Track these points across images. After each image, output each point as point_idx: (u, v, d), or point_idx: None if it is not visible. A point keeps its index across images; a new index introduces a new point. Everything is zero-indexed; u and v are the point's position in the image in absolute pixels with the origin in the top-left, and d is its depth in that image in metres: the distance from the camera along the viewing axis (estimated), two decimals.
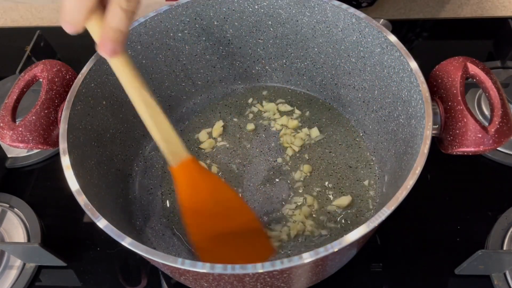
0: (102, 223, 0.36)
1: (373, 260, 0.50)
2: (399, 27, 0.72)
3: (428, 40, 0.71)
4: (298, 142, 0.54)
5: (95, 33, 0.35)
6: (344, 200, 0.49)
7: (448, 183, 0.55)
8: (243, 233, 0.43)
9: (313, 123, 0.56)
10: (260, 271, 0.32)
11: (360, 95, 0.52)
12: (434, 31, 0.72)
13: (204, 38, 0.54)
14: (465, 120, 0.39)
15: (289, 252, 0.46)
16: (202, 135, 0.56)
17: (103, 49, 0.34)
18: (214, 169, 0.53)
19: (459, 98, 0.40)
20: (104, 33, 0.34)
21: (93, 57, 0.45)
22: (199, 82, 0.58)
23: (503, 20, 0.67)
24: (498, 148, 0.56)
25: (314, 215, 0.49)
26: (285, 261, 0.32)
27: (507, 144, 0.56)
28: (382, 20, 0.63)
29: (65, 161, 0.39)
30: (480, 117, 0.59)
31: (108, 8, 0.33)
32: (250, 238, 0.43)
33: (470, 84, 0.52)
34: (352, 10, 0.46)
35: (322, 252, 0.33)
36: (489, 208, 0.52)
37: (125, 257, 0.51)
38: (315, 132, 0.54)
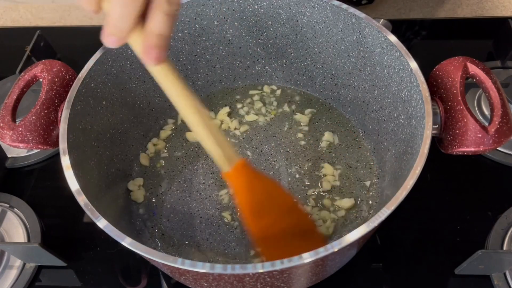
0: (102, 223, 0.36)
1: (373, 260, 0.50)
2: (399, 27, 0.72)
3: (428, 40, 0.71)
4: (298, 142, 0.54)
5: (137, 44, 0.33)
6: (347, 202, 0.49)
7: (448, 183, 0.55)
8: (298, 227, 0.43)
9: (313, 123, 0.56)
10: (260, 271, 0.32)
11: (360, 95, 0.52)
12: (434, 31, 0.72)
13: (204, 38, 0.54)
14: (465, 120, 0.39)
15: None
16: None
17: (148, 56, 0.33)
18: None
19: (459, 98, 0.40)
20: (147, 40, 0.32)
21: (93, 57, 0.45)
22: (199, 82, 0.58)
23: (503, 20, 0.67)
24: (498, 148, 0.56)
25: (314, 215, 0.49)
26: (285, 261, 0.32)
27: (507, 144, 0.56)
28: (382, 20, 0.63)
29: (65, 161, 0.39)
30: (480, 117, 0.59)
31: (150, 14, 0.32)
32: (304, 234, 0.43)
33: (470, 84, 0.52)
34: (352, 10, 0.46)
35: (322, 252, 0.33)
36: (489, 208, 0.52)
37: (125, 257, 0.51)
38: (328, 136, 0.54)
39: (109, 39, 0.32)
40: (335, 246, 0.33)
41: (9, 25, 0.81)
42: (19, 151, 0.60)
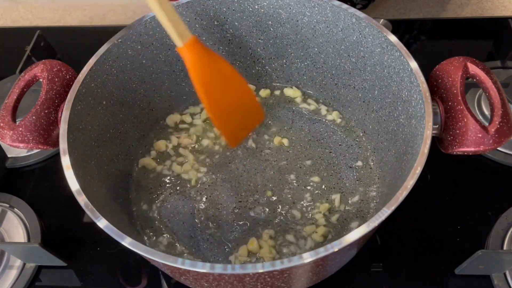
0: (102, 223, 0.36)
1: (373, 260, 0.50)
2: (399, 27, 0.72)
3: (428, 40, 0.71)
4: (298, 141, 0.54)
5: None
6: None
7: (448, 183, 0.55)
8: (243, 101, 0.49)
9: (313, 123, 0.56)
10: (261, 271, 0.32)
11: (360, 95, 0.52)
12: (434, 31, 0.72)
13: (204, 38, 0.54)
14: (465, 120, 0.39)
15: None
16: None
17: None
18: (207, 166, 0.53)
19: (459, 98, 0.40)
20: None
21: (93, 57, 0.45)
22: None
23: (503, 20, 0.67)
24: (498, 148, 0.56)
25: (313, 214, 0.49)
26: (285, 261, 0.32)
27: (507, 144, 0.56)
28: (382, 20, 0.63)
29: (65, 161, 0.39)
30: (480, 117, 0.59)
31: None
32: (248, 107, 0.50)
33: (470, 84, 0.52)
34: (352, 10, 0.46)
35: (322, 252, 0.33)
36: (489, 208, 0.52)
37: (125, 257, 0.51)
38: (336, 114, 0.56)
39: None
40: (335, 246, 0.33)
41: (9, 25, 0.81)
42: (19, 151, 0.60)
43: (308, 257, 0.33)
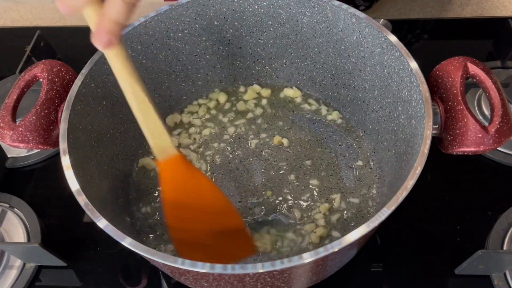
0: (102, 223, 0.36)
1: (373, 260, 0.50)
2: (399, 27, 0.72)
3: (429, 40, 0.71)
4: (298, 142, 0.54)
5: (92, 21, 0.34)
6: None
7: (448, 183, 0.55)
8: (225, 231, 0.43)
9: (313, 123, 0.56)
10: (260, 271, 0.32)
11: (360, 95, 0.52)
12: (434, 31, 0.72)
13: (204, 38, 0.54)
14: (465, 120, 0.39)
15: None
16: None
17: (98, 40, 0.33)
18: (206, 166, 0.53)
19: (459, 98, 0.40)
20: (101, 23, 0.32)
21: (93, 57, 0.45)
22: (199, 82, 0.58)
23: (503, 20, 0.67)
24: (498, 148, 0.56)
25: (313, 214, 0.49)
26: (285, 261, 0.32)
27: (507, 144, 0.56)
28: (382, 20, 0.63)
29: (65, 161, 0.39)
30: (480, 117, 0.59)
31: None
32: (231, 236, 0.43)
33: (470, 84, 0.52)
34: (352, 10, 0.46)
35: (322, 252, 0.33)
36: (489, 208, 0.52)
37: (125, 257, 0.51)
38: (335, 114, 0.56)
39: (61, 7, 0.33)
40: (335, 246, 0.33)
41: (9, 25, 0.81)
42: (19, 151, 0.60)
43: (308, 257, 0.33)
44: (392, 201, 0.35)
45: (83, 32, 0.35)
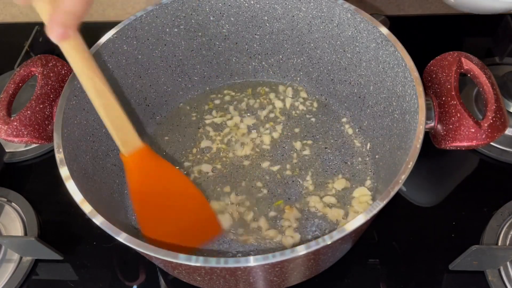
0: (98, 219, 0.36)
1: (370, 256, 0.50)
2: (398, 23, 0.71)
3: (427, 36, 0.71)
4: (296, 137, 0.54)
5: (44, 13, 0.32)
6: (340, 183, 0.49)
7: (444, 179, 0.55)
8: (191, 215, 0.44)
9: (308, 119, 0.56)
10: (252, 264, 0.33)
11: (356, 91, 0.52)
12: (432, 27, 0.72)
13: (200, 34, 0.54)
14: (458, 115, 0.39)
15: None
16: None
17: (52, 32, 0.31)
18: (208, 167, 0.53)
19: (453, 93, 0.40)
20: (55, 15, 0.31)
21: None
22: (196, 78, 0.58)
23: (501, 17, 0.67)
24: (494, 144, 0.56)
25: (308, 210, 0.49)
26: (277, 255, 0.33)
27: (503, 140, 0.56)
28: (382, 17, 0.63)
29: (60, 156, 0.39)
30: (477, 113, 0.58)
31: None
32: (197, 218, 0.44)
33: (468, 79, 0.52)
34: (347, 5, 0.46)
35: (313, 245, 0.33)
36: (484, 204, 0.52)
37: (122, 251, 0.51)
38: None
39: None
40: (327, 240, 0.33)
41: (8, 21, 0.81)
42: (17, 145, 0.61)
43: (299, 251, 0.33)
44: (384, 194, 0.35)
45: (82, 27, 0.35)
